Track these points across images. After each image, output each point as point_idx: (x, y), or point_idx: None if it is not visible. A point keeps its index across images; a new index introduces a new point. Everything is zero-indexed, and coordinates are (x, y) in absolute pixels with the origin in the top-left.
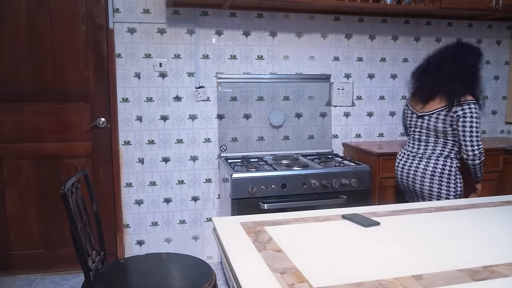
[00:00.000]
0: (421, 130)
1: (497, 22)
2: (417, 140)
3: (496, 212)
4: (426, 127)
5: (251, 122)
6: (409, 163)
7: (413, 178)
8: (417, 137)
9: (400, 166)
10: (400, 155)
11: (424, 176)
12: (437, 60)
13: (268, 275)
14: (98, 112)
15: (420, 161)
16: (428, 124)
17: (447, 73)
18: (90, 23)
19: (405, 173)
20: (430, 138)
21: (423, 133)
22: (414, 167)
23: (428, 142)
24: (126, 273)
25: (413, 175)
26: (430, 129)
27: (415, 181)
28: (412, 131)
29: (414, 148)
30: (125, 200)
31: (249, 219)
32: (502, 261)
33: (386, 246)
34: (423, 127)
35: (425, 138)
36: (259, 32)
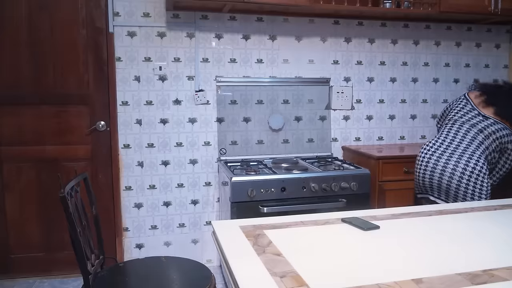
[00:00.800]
0: (471, 128)
1: (496, 25)
2: (461, 135)
3: (495, 216)
4: (481, 128)
5: (251, 126)
6: (438, 155)
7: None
8: (464, 131)
9: (427, 156)
10: (431, 147)
11: (454, 171)
12: None
13: (267, 279)
14: (98, 116)
15: (456, 156)
16: (487, 126)
17: None
18: (90, 26)
19: (431, 164)
20: (477, 138)
21: (472, 130)
22: (445, 161)
23: (473, 141)
24: (125, 277)
25: (442, 168)
26: (483, 131)
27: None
28: (459, 124)
29: (447, 140)
30: (125, 204)
31: (248, 223)
32: (501, 265)
33: (385, 250)
34: (477, 125)
35: (473, 135)
36: (258, 36)
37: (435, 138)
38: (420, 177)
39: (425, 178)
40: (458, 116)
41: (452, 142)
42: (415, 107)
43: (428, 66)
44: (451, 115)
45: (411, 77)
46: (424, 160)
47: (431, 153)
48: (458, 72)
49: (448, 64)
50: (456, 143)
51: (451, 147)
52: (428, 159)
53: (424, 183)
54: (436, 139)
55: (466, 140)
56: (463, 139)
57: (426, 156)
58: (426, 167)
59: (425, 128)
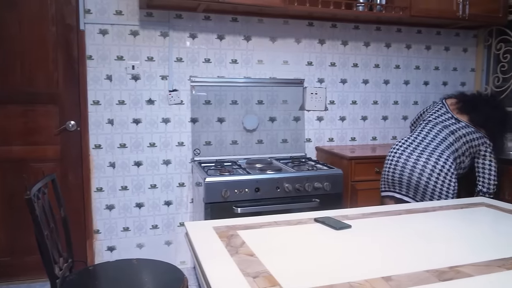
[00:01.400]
0: (443, 129)
1: (464, 30)
2: (427, 132)
3: (462, 214)
4: (453, 130)
5: (225, 126)
6: (409, 152)
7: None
8: (436, 132)
9: (399, 153)
10: (403, 144)
11: (424, 168)
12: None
13: (240, 279)
14: (68, 115)
15: (426, 154)
16: (458, 129)
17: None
18: (60, 23)
19: (402, 160)
20: (448, 139)
21: (444, 131)
22: (416, 157)
23: (444, 141)
24: (95, 280)
25: (412, 165)
26: (454, 133)
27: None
28: (433, 124)
29: (418, 139)
30: (96, 205)
31: (222, 223)
32: (467, 261)
33: (357, 249)
34: (449, 127)
35: (443, 136)
36: (233, 36)
37: (406, 136)
38: (390, 173)
39: (395, 174)
40: (432, 117)
41: (424, 140)
42: (387, 109)
43: (399, 68)
44: (425, 116)
45: (383, 79)
46: (395, 156)
47: (402, 149)
48: (428, 75)
49: (419, 66)
50: (427, 141)
51: (422, 145)
52: (399, 155)
53: (393, 179)
54: (408, 137)
55: (437, 139)
56: (434, 138)
57: (398, 152)
58: (397, 162)
59: (396, 129)
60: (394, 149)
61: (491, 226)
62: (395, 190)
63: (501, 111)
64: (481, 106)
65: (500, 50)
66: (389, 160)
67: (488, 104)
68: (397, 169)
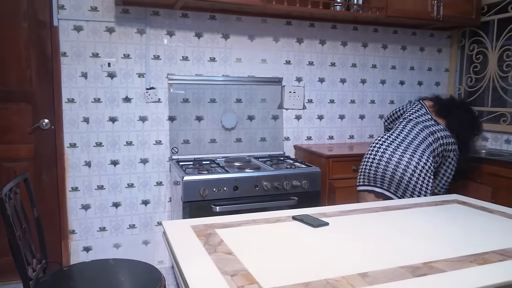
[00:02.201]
0: (424, 129)
1: (439, 31)
2: (409, 130)
3: (436, 211)
4: (432, 131)
5: (203, 124)
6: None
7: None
8: (417, 131)
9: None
10: (385, 140)
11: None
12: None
13: (218, 277)
14: (41, 113)
15: (410, 152)
16: (437, 130)
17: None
18: (32, 19)
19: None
20: (428, 139)
21: (424, 131)
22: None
23: (424, 140)
24: (70, 281)
25: (397, 161)
26: (433, 134)
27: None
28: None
29: (400, 135)
30: (71, 205)
31: (200, 222)
32: (440, 257)
33: (334, 246)
34: (429, 127)
35: (424, 135)
36: (211, 34)
37: (389, 133)
38: (372, 168)
39: (379, 168)
40: (413, 116)
41: (406, 138)
42: (364, 108)
43: (376, 68)
44: (406, 115)
45: (360, 78)
46: (379, 151)
47: (386, 145)
48: (404, 75)
49: (395, 66)
50: (410, 139)
51: (405, 142)
52: (384, 150)
53: (376, 174)
54: (390, 134)
55: (419, 138)
56: (416, 137)
57: (382, 148)
58: (381, 158)
59: (373, 128)
60: (377, 144)
61: (464, 222)
62: (376, 184)
63: (471, 114)
64: (455, 111)
65: (473, 51)
66: (371, 155)
67: (460, 108)
68: (381, 164)
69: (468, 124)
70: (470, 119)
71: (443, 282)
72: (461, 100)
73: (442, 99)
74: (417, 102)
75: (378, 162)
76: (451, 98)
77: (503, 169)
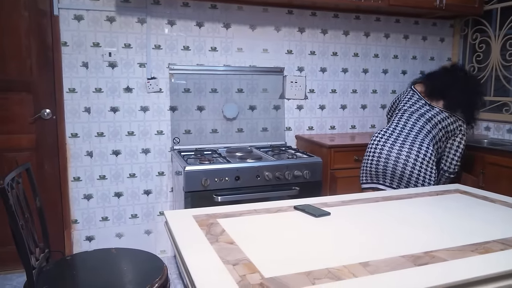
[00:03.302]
0: (420, 117)
1: (441, 20)
2: (405, 122)
3: (437, 201)
4: (429, 117)
5: (205, 115)
6: (391, 142)
7: (395, 158)
8: (413, 121)
9: (381, 144)
10: (383, 135)
11: (408, 157)
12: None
13: (220, 267)
14: (43, 103)
15: (408, 143)
16: (434, 116)
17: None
18: (33, 8)
19: (385, 151)
20: (425, 127)
21: (421, 120)
22: (398, 149)
23: (422, 129)
24: (72, 270)
25: (396, 155)
26: (431, 120)
27: (397, 161)
28: (409, 114)
29: (397, 128)
30: (73, 195)
31: (202, 212)
32: (441, 246)
33: (335, 235)
34: (425, 115)
35: (421, 124)
36: (212, 24)
37: (385, 128)
38: (373, 164)
39: (379, 165)
40: (407, 106)
41: (403, 130)
42: (366, 97)
43: (378, 57)
44: (400, 106)
45: (362, 68)
46: (377, 147)
47: (383, 141)
48: (406, 64)
49: (397, 56)
50: (407, 131)
51: (403, 135)
52: (382, 146)
53: (377, 170)
54: (387, 128)
55: (416, 128)
56: (413, 128)
57: (380, 144)
58: (381, 154)
59: (375, 118)
60: (375, 141)
61: (465, 212)
62: (378, 181)
63: (468, 91)
64: (450, 91)
65: (476, 40)
66: (371, 152)
67: (454, 87)
68: (380, 161)
69: (466, 102)
70: (467, 97)
71: (445, 271)
72: (455, 75)
73: (434, 79)
74: (409, 89)
75: (378, 158)
76: (443, 72)
77: (504, 159)
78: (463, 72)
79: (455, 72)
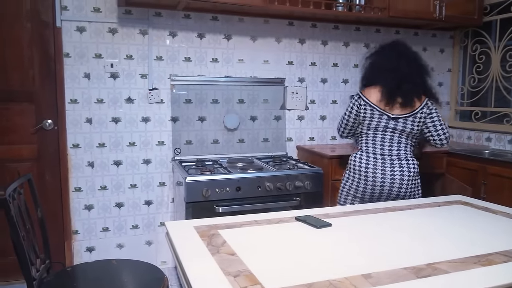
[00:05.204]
0: (394, 131)
1: (441, 31)
2: (388, 141)
3: (439, 212)
4: (401, 129)
5: (206, 125)
6: (381, 165)
7: (391, 180)
8: (389, 137)
9: (371, 168)
10: (368, 159)
11: (402, 177)
12: (399, 63)
13: (221, 278)
14: (44, 114)
15: (396, 162)
16: (404, 126)
17: (413, 78)
18: (35, 20)
19: (379, 175)
20: (401, 139)
21: (396, 134)
22: (390, 169)
23: (401, 143)
24: (73, 282)
25: (391, 177)
26: (404, 131)
27: (393, 183)
28: (382, 131)
29: (385, 149)
30: (74, 206)
31: (203, 223)
32: (444, 258)
33: (337, 247)
34: (397, 128)
35: (398, 139)
36: (213, 35)
37: (363, 147)
38: (368, 187)
39: (375, 187)
40: (374, 125)
41: (384, 149)
42: None
43: None
44: (365, 123)
45: None
46: (368, 169)
47: (373, 164)
48: None
49: None
50: (388, 150)
51: (386, 154)
52: (373, 167)
53: (370, 192)
54: (369, 151)
55: (395, 144)
56: (392, 144)
57: (370, 165)
58: (375, 175)
59: None
60: (361, 162)
61: (467, 223)
62: (364, 202)
63: (419, 68)
64: (403, 87)
65: (476, 51)
66: (361, 173)
67: (406, 80)
68: (377, 182)
69: (421, 87)
70: (421, 80)
71: (447, 283)
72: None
73: (385, 81)
74: (362, 102)
75: (373, 179)
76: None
77: (506, 170)
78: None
79: (396, 61)
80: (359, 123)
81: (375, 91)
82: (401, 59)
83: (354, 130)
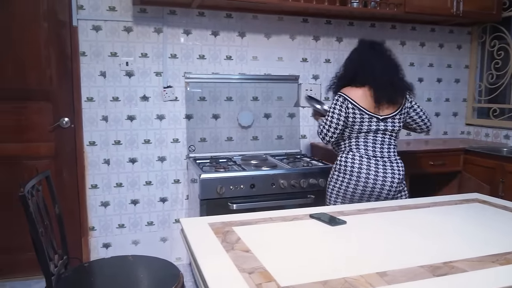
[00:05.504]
0: (384, 133)
1: (458, 27)
2: (379, 143)
3: (456, 210)
4: (390, 129)
5: (220, 123)
6: (375, 167)
7: (382, 182)
8: (380, 139)
9: (365, 169)
10: (362, 160)
11: (393, 179)
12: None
13: (236, 275)
14: (61, 112)
15: (388, 164)
16: (393, 126)
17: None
18: (52, 19)
19: (371, 176)
20: (391, 140)
21: (386, 136)
22: (383, 171)
23: (391, 144)
24: (90, 277)
25: (382, 179)
26: (393, 131)
27: (384, 184)
28: (373, 134)
29: (376, 151)
30: (91, 202)
31: (217, 220)
32: (461, 256)
33: (352, 245)
34: (387, 129)
35: (388, 140)
36: (227, 33)
37: (354, 148)
38: (358, 189)
39: (366, 189)
40: (365, 129)
41: (375, 151)
42: None
43: None
44: (355, 127)
45: None
46: (362, 170)
47: (366, 164)
48: (423, 72)
49: (413, 63)
50: (379, 151)
51: (378, 156)
52: (367, 168)
53: (362, 195)
54: (362, 153)
55: (385, 146)
56: (383, 147)
57: (364, 165)
58: (368, 176)
59: None
60: (353, 163)
61: (484, 221)
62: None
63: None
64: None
65: (494, 47)
66: (353, 177)
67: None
68: (369, 182)
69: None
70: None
71: (464, 282)
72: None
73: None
74: (350, 105)
75: (365, 179)
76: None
77: None
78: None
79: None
80: (346, 126)
81: (359, 92)
82: (382, 58)
83: (341, 134)
